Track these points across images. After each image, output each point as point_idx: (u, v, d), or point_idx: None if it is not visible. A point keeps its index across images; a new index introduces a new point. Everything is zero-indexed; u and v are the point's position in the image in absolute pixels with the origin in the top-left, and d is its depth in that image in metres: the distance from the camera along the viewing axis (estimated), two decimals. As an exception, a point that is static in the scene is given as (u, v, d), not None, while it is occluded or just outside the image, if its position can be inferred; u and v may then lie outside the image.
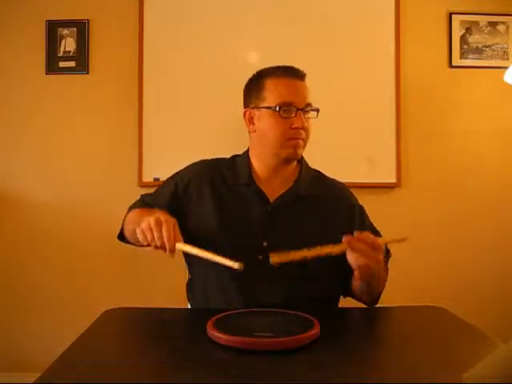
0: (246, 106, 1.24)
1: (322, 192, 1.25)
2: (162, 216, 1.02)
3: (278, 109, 1.14)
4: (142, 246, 1.08)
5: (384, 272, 1.14)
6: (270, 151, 1.19)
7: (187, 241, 1.06)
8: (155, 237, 0.99)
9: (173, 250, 0.99)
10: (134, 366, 0.80)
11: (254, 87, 1.21)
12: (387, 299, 1.20)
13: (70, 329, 1.10)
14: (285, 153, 1.17)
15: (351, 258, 1.02)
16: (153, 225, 0.99)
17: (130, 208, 1.30)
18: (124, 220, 1.28)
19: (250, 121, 1.21)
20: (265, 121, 1.17)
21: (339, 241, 1.19)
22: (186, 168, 1.30)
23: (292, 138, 1.16)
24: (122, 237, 1.29)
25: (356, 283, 1.12)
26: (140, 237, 1.02)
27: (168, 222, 1.00)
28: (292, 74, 1.18)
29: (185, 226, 1.20)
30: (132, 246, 1.28)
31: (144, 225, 1.01)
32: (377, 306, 1.19)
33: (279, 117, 1.14)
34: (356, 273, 1.06)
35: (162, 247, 0.99)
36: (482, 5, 2.30)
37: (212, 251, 0.98)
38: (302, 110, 1.15)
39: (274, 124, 1.15)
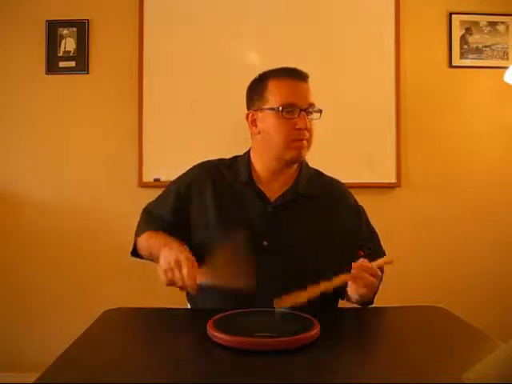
0: (248, 108, 1.23)
1: (322, 191, 1.25)
2: (180, 254, 1.03)
3: (280, 110, 1.14)
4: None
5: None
6: (274, 153, 1.19)
7: (192, 241, 1.07)
8: (176, 277, 1.00)
9: (195, 288, 1.01)
10: (133, 365, 0.80)
11: (256, 89, 1.21)
12: (387, 299, 1.19)
13: (70, 329, 1.10)
14: (289, 155, 1.17)
15: (352, 288, 1.03)
16: (173, 265, 1.01)
17: (139, 224, 1.30)
18: (136, 238, 1.28)
19: (253, 123, 1.21)
20: (268, 122, 1.17)
21: (339, 240, 1.20)
22: (187, 171, 1.31)
23: (296, 139, 1.15)
24: (134, 253, 1.30)
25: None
26: (163, 277, 1.03)
27: (188, 262, 1.01)
28: (294, 75, 1.18)
29: (189, 227, 1.21)
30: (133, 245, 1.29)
31: (165, 265, 1.02)
32: (376, 306, 1.19)
33: (282, 118, 1.14)
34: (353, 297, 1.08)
35: (185, 286, 1.01)
36: (482, 5, 2.30)
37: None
38: (305, 110, 1.15)
39: (278, 125, 1.15)
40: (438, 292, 2.03)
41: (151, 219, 1.28)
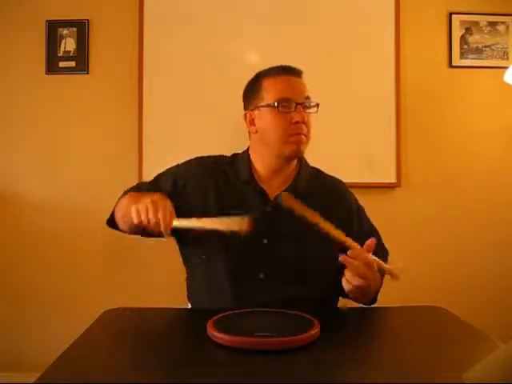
0: (245, 108, 1.24)
1: (322, 189, 1.25)
2: (158, 197, 1.02)
3: (276, 105, 1.14)
4: (133, 232, 1.09)
5: (378, 280, 1.12)
6: (273, 151, 1.19)
7: (188, 239, 1.07)
8: (150, 214, 0.98)
9: (169, 227, 0.99)
10: (133, 365, 0.80)
11: (251, 89, 1.22)
12: (387, 299, 1.19)
13: (69, 329, 1.10)
14: (288, 150, 1.17)
15: (347, 275, 1.01)
16: (149, 204, 0.99)
17: (125, 192, 1.26)
18: (116, 204, 1.25)
19: (251, 122, 1.21)
20: (265, 119, 1.17)
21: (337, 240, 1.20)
22: (185, 163, 1.29)
23: (293, 133, 1.15)
24: (111, 223, 1.27)
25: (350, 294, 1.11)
26: (134, 215, 1.00)
27: (164, 202, 1.01)
28: (288, 71, 1.19)
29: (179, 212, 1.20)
30: (133, 246, 1.28)
31: (140, 205, 1.00)
32: (376, 306, 1.19)
33: (278, 112, 1.14)
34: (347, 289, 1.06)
35: (157, 225, 0.98)
36: (482, 5, 2.30)
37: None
38: (301, 104, 1.15)
39: (274, 120, 1.15)
40: (438, 292, 2.03)
41: (139, 188, 1.25)
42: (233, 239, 1.17)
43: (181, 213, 1.21)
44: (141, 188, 1.27)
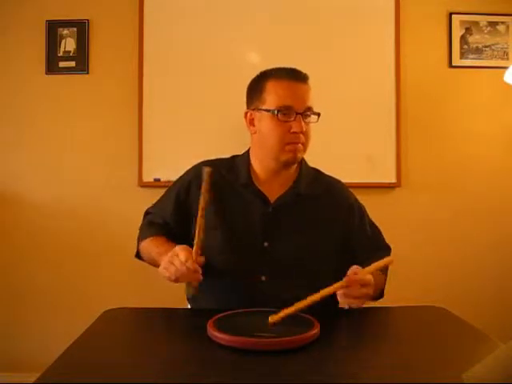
0: (247, 106, 1.23)
1: (322, 191, 1.25)
2: (175, 248, 1.05)
3: (276, 112, 1.13)
4: None
5: (379, 283, 1.13)
6: (270, 155, 1.18)
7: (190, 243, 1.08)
8: (176, 265, 1.02)
9: (197, 269, 1.02)
10: (133, 365, 0.80)
11: (255, 88, 1.20)
12: (387, 299, 1.20)
13: (70, 329, 1.10)
14: (284, 157, 1.16)
15: (342, 301, 1.01)
16: (171, 258, 1.04)
17: (141, 229, 1.31)
18: (138, 242, 1.29)
19: (251, 122, 1.21)
20: (264, 123, 1.17)
21: (340, 240, 1.20)
22: (186, 172, 1.30)
23: (290, 142, 1.15)
24: (138, 255, 1.31)
25: None
26: (166, 275, 1.06)
27: (183, 250, 1.03)
28: (293, 76, 1.16)
29: (190, 228, 1.21)
30: (132, 246, 1.28)
31: (164, 264, 1.06)
32: (377, 306, 1.19)
33: (278, 120, 1.13)
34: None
35: (188, 273, 1.01)
36: (482, 5, 2.30)
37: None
38: (301, 114, 1.14)
39: (273, 127, 1.14)
40: (438, 292, 2.03)
41: (153, 224, 1.28)
42: (234, 242, 1.17)
43: (188, 218, 1.22)
44: (151, 218, 1.31)
